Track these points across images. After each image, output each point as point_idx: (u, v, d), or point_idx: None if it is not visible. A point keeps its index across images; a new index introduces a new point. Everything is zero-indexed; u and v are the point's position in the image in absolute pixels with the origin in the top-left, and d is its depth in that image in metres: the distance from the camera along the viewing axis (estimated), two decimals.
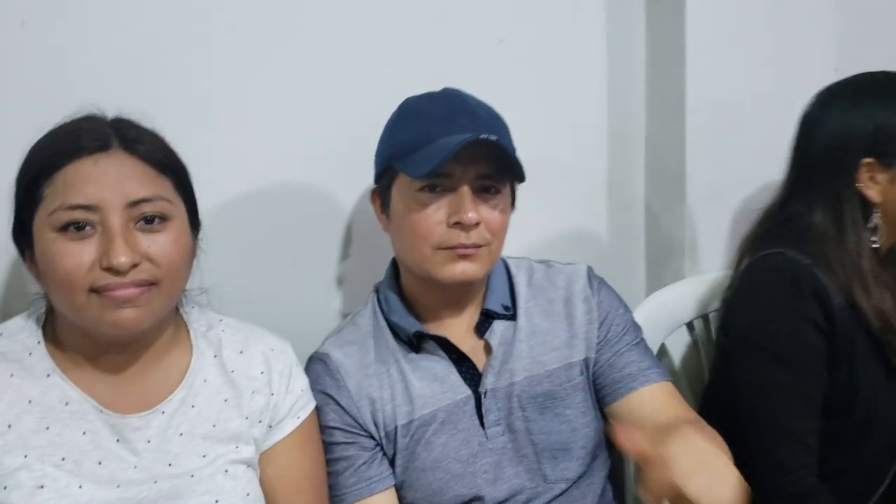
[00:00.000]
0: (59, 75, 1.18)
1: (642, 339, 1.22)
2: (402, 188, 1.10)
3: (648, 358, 1.19)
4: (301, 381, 1.09)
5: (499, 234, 1.11)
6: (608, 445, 1.19)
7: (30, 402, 0.93)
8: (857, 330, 1.21)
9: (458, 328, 1.16)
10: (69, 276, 0.89)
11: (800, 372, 1.20)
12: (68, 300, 0.91)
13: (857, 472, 1.23)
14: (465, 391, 1.13)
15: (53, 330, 0.99)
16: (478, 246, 1.09)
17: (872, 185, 1.23)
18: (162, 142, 0.98)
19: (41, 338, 0.98)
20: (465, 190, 1.07)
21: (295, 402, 1.07)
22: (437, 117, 1.09)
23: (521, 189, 1.47)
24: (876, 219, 1.24)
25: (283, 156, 1.34)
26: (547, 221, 1.55)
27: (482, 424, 1.12)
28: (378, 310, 1.19)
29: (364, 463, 1.11)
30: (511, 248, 1.37)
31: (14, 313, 1.02)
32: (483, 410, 1.12)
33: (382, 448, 1.13)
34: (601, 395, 1.18)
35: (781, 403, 1.20)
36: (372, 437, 1.13)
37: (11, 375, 0.94)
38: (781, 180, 1.30)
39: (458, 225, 1.07)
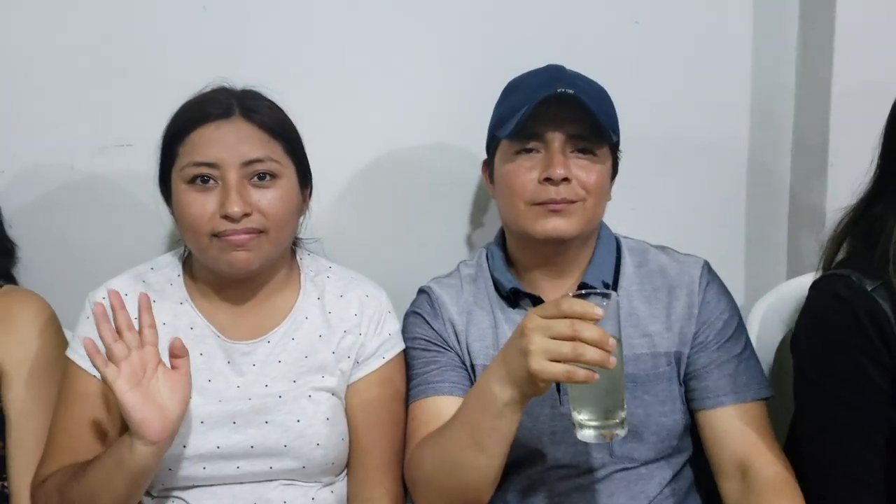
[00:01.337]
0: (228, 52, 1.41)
1: (747, 349, 1.19)
2: (502, 154, 1.19)
3: (748, 372, 1.17)
4: (391, 326, 1.22)
5: (593, 191, 1.14)
6: (693, 440, 1.19)
7: (164, 324, 1.15)
8: None
9: (555, 294, 1.20)
10: (195, 221, 1.09)
11: (862, 412, 1.08)
12: (194, 242, 1.12)
13: None
14: None
15: (190, 266, 1.21)
16: (570, 202, 1.13)
17: None
18: (278, 111, 1.15)
19: (181, 271, 1.20)
20: (556, 147, 1.13)
21: (382, 344, 1.20)
22: (535, 86, 1.16)
23: (661, 168, 1.50)
24: None
25: (408, 124, 1.47)
26: (685, 200, 1.56)
27: (558, 388, 1.17)
28: (485, 262, 1.27)
29: (450, 368, 1.19)
30: (650, 225, 1.41)
31: None
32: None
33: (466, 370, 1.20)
34: (690, 397, 1.19)
35: (842, 445, 1.10)
36: (458, 355, 1.21)
37: (154, 301, 1.15)
38: (870, 176, 1.14)
39: (549, 181, 1.13)
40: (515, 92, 1.19)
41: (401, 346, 1.23)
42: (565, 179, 1.12)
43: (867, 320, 1.05)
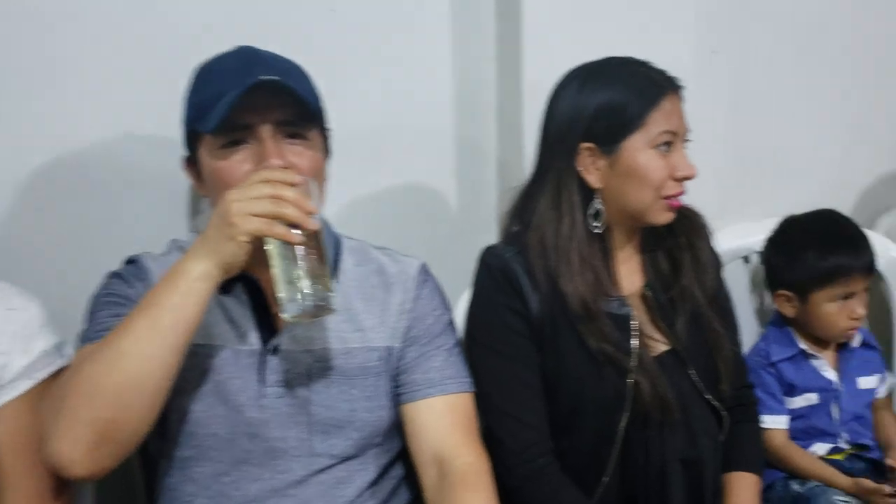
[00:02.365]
0: None
1: (456, 347, 1.22)
2: (208, 149, 1.10)
3: (455, 367, 1.20)
4: (42, 343, 1.10)
5: (314, 176, 1.09)
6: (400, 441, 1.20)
7: None
8: (561, 317, 1.20)
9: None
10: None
11: (512, 359, 1.22)
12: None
13: (579, 456, 1.24)
14: (254, 343, 1.13)
15: None
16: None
17: (593, 170, 1.20)
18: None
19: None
20: (267, 137, 1.07)
21: (32, 363, 1.07)
22: (229, 72, 1.09)
23: (371, 162, 1.48)
24: (597, 204, 1.21)
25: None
26: (398, 188, 1.55)
27: (262, 380, 1.12)
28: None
29: None
30: (363, 217, 1.41)
31: None
32: (266, 367, 1.12)
33: None
34: (398, 392, 1.19)
35: (501, 390, 1.22)
36: None
37: None
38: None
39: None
40: (209, 80, 1.12)
41: (55, 365, 1.11)
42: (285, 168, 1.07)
43: (502, 278, 1.23)
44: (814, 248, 1.47)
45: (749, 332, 1.72)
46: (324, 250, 1.02)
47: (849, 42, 1.80)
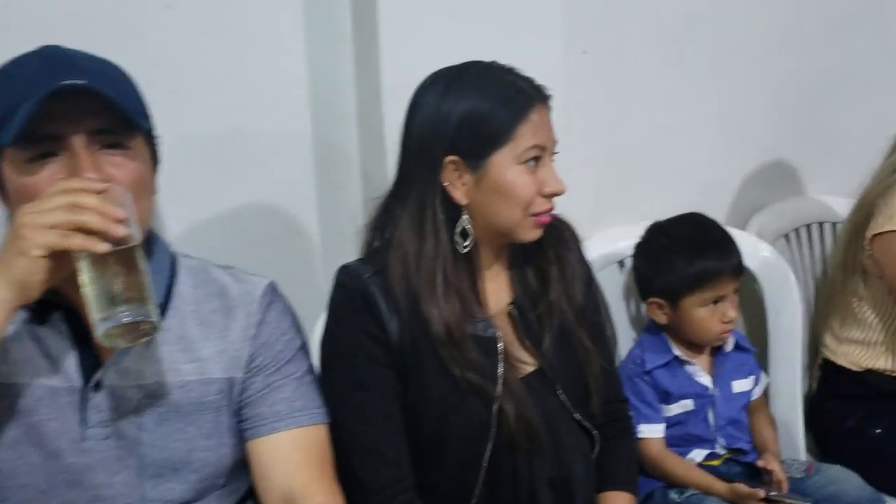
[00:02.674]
0: None
1: (308, 374, 1.12)
2: (12, 164, 0.96)
3: (306, 397, 1.10)
4: None
5: (137, 189, 0.97)
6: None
7: None
8: (423, 342, 1.13)
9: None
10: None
11: (370, 388, 1.14)
12: None
13: (444, 487, 1.18)
14: (74, 378, 1.01)
15: None
16: None
17: (459, 185, 1.13)
18: None
19: None
20: (79, 149, 0.94)
21: None
22: (28, 77, 0.96)
23: (215, 166, 1.36)
24: (465, 222, 1.14)
25: None
26: (249, 199, 1.44)
27: (84, 421, 1.00)
28: None
29: None
30: (210, 233, 1.29)
31: None
32: (88, 406, 1.00)
33: None
34: (243, 427, 1.08)
35: (357, 422, 1.14)
36: None
37: None
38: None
39: None
40: (6, 85, 0.97)
41: None
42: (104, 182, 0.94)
43: (358, 301, 1.14)
44: (681, 254, 1.45)
45: (626, 338, 1.69)
46: (142, 262, 0.91)
47: (719, 42, 1.80)
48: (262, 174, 1.43)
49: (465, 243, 1.14)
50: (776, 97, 1.90)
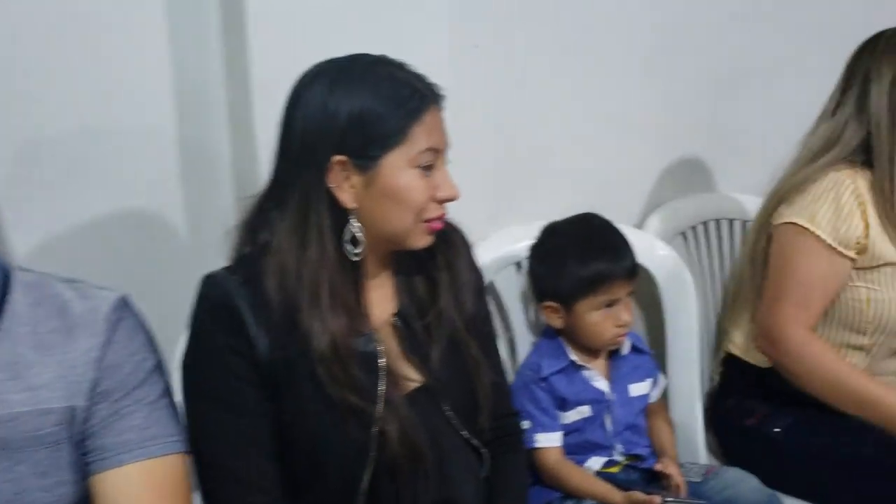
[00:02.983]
0: None
1: (164, 398, 1.00)
2: None
3: (160, 423, 0.98)
4: None
5: None
6: None
7: None
8: (298, 359, 1.04)
9: None
10: None
11: (236, 410, 1.05)
12: None
13: None
14: None
15: None
16: None
17: (347, 187, 1.04)
18: None
19: None
20: None
21: None
22: None
23: (69, 168, 1.24)
24: (354, 228, 1.05)
25: None
26: (107, 203, 1.31)
27: None
28: None
29: None
30: (61, 242, 1.17)
31: None
32: None
33: None
34: (87, 460, 0.96)
35: (222, 448, 1.05)
36: None
37: None
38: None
39: None
40: None
41: None
42: None
43: (222, 313, 1.05)
44: (573, 257, 1.40)
45: (525, 342, 1.64)
46: None
47: (617, 39, 1.76)
48: (120, 176, 1.30)
49: (357, 250, 1.06)
50: (674, 95, 1.87)
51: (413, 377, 1.12)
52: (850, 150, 1.47)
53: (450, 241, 1.18)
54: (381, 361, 1.08)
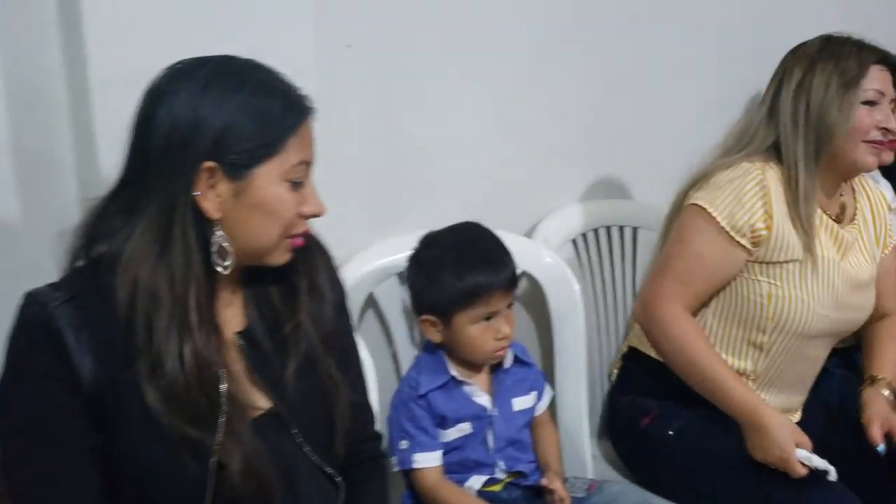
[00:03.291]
0: None
1: None
2: None
3: None
4: None
5: None
6: None
7: None
8: (127, 386, 0.95)
9: None
10: None
11: (55, 443, 0.96)
12: None
13: None
14: None
15: None
16: None
17: (212, 196, 0.96)
18: None
19: None
20: None
21: None
22: None
23: None
24: (221, 239, 0.98)
25: None
26: None
27: None
28: None
29: None
30: None
31: None
32: None
33: None
34: None
35: (40, 484, 0.96)
36: None
37: None
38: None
39: None
40: None
41: None
42: None
43: (41, 335, 0.95)
44: (449, 268, 1.35)
45: (407, 356, 1.57)
46: None
47: (505, 41, 1.69)
48: None
49: (226, 263, 0.98)
50: (567, 98, 1.82)
51: (259, 402, 1.03)
52: (763, 147, 1.50)
53: (309, 255, 1.10)
54: (223, 387, 0.99)
